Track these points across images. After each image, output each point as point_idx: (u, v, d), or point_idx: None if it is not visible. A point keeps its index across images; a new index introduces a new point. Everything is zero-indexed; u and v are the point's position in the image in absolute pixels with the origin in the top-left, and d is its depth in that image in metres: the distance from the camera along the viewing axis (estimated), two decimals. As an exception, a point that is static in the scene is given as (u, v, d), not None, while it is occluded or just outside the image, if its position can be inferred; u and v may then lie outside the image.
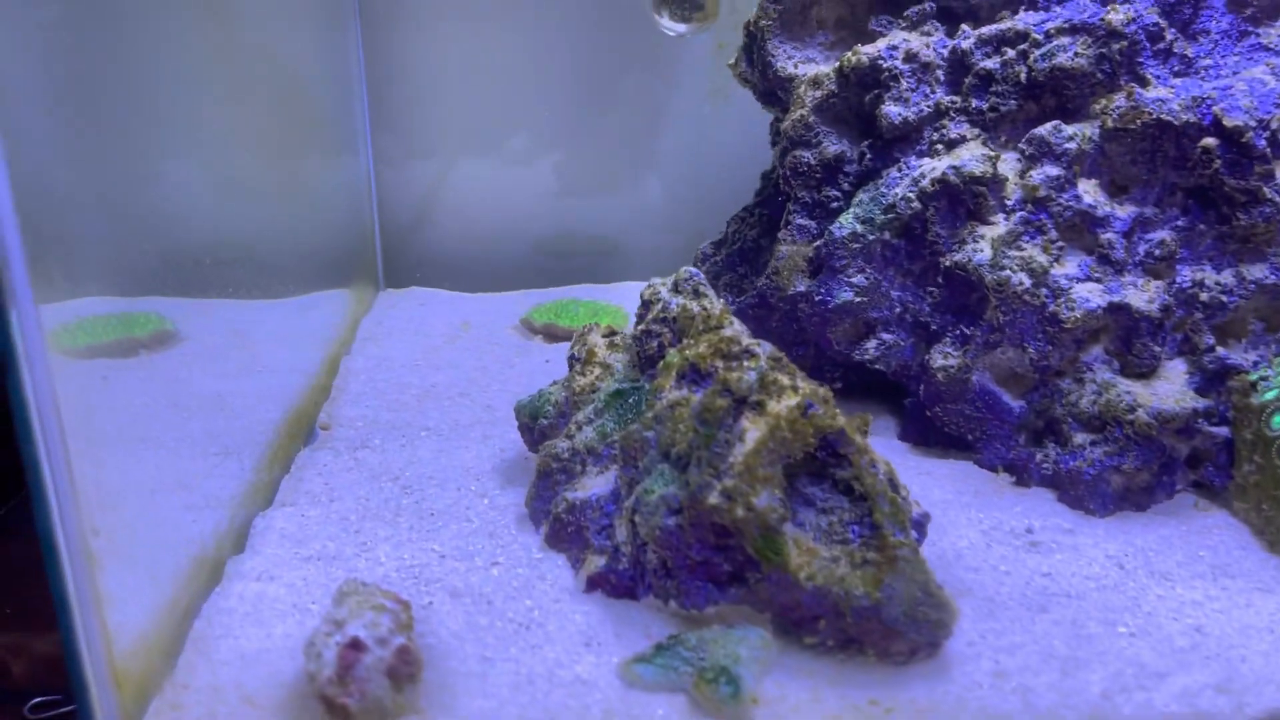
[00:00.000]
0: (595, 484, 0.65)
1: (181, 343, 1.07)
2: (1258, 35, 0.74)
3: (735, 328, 0.63)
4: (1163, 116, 0.69)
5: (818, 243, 0.80)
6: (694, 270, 0.70)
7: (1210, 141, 0.69)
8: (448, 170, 1.33)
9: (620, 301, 1.18)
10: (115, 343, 1.04)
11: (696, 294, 0.67)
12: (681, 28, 1.11)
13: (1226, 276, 0.70)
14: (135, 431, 0.87)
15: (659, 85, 1.31)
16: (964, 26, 0.78)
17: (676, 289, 0.69)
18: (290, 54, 1.18)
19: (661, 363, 0.65)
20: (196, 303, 1.14)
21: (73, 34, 0.88)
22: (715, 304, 0.66)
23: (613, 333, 0.76)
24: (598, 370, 0.72)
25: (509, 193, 1.34)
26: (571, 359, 0.75)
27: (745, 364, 0.60)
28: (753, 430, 0.58)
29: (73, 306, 1.12)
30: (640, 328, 0.69)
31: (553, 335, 1.09)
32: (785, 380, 0.60)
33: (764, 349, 0.61)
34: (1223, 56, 0.73)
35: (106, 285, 1.18)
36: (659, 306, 0.68)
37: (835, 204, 0.82)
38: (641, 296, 0.71)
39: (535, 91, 1.30)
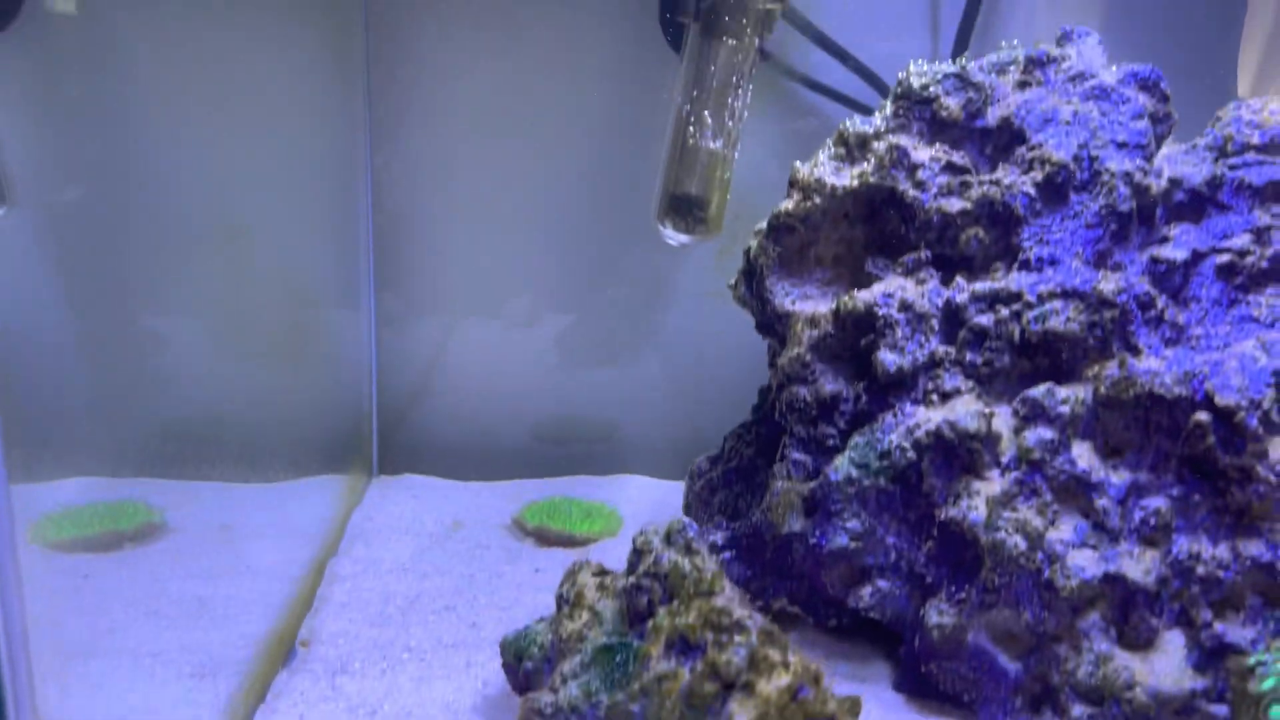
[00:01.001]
0: (577, 749, 0.63)
1: (168, 535, 1.06)
2: (1247, 304, 0.75)
3: (726, 595, 0.63)
4: (1155, 389, 0.70)
5: (813, 483, 0.80)
6: (688, 522, 0.69)
7: (1203, 417, 0.69)
8: (449, 340, 1.33)
9: (616, 500, 1.17)
10: (99, 536, 1.03)
11: (689, 550, 0.67)
12: (685, 238, 1.14)
13: (1223, 550, 0.70)
14: (110, 642, 0.85)
15: (664, 266, 1.33)
16: (958, 279, 0.80)
17: (669, 541, 0.68)
18: (294, 226, 1.21)
19: (651, 623, 0.64)
20: (187, 486, 1.14)
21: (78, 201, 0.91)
22: (708, 564, 0.65)
23: (604, 573, 0.75)
24: (586, 616, 0.71)
25: (510, 367, 1.34)
26: (560, 599, 0.74)
27: (736, 639, 0.59)
28: (740, 715, 0.56)
29: (60, 489, 1.12)
30: (631, 579, 0.68)
31: (544, 538, 1.08)
32: (776, 657, 0.59)
33: (755, 623, 0.60)
34: (1214, 325, 0.75)
35: (97, 464, 1.18)
36: (650, 559, 0.68)
37: (831, 441, 0.82)
38: (634, 543, 0.71)
39: (541, 260, 1.32)
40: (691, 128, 1.09)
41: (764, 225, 0.88)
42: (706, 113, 1.08)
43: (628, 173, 1.23)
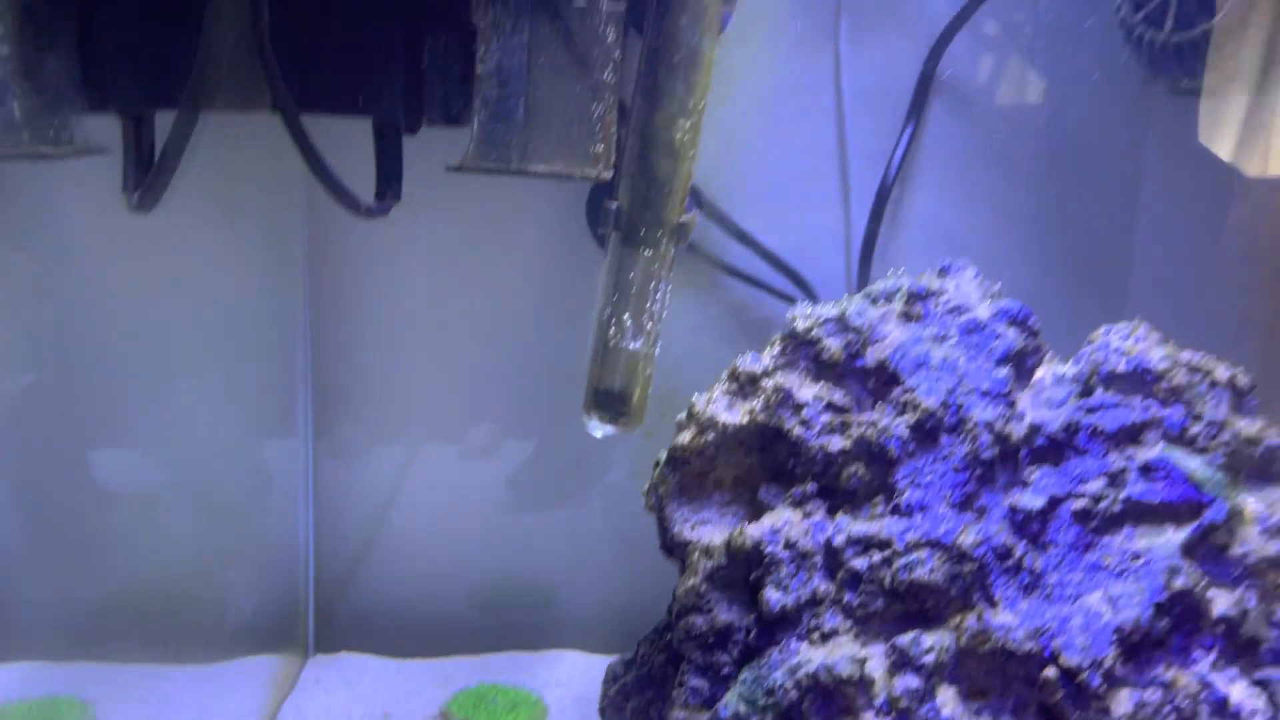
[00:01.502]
0: None
1: (100, 732, 1.09)
2: (1100, 549, 0.81)
3: None
4: (1007, 644, 0.75)
5: (706, 714, 0.84)
6: None
7: (1051, 674, 0.74)
8: (385, 512, 1.38)
9: (544, 685, 1.21)
10: (34, 737, 1.07)
11: None
12: (609, 429, 1.19)
13: None
14: None
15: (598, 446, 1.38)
16: (838, 518, 0.85)
17: None
18: (232, 397, 1.26)
19: None
20: (120, 672, 1.18)
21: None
22: None
23: None
24: None
25: (444, 539, 1.38)
26: None
27: None
28: None
29: (3, 675, 1.15)
30: None
31: (469, 729, 1.11)
32: None
33: None
34: (1069, 572, 0.80)
35: (34, 650, 1.22)
36: None
37: (725, 670, 0.87)
38: None
39: (483, 436, 1.37)
40: (612, 330, 1.15)
41: (663, 455, 0.94)
42: (626, 316, 1.15)
43: (566, 359, 1.29)
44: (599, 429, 1.20)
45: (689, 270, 1.27)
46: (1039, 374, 0.95)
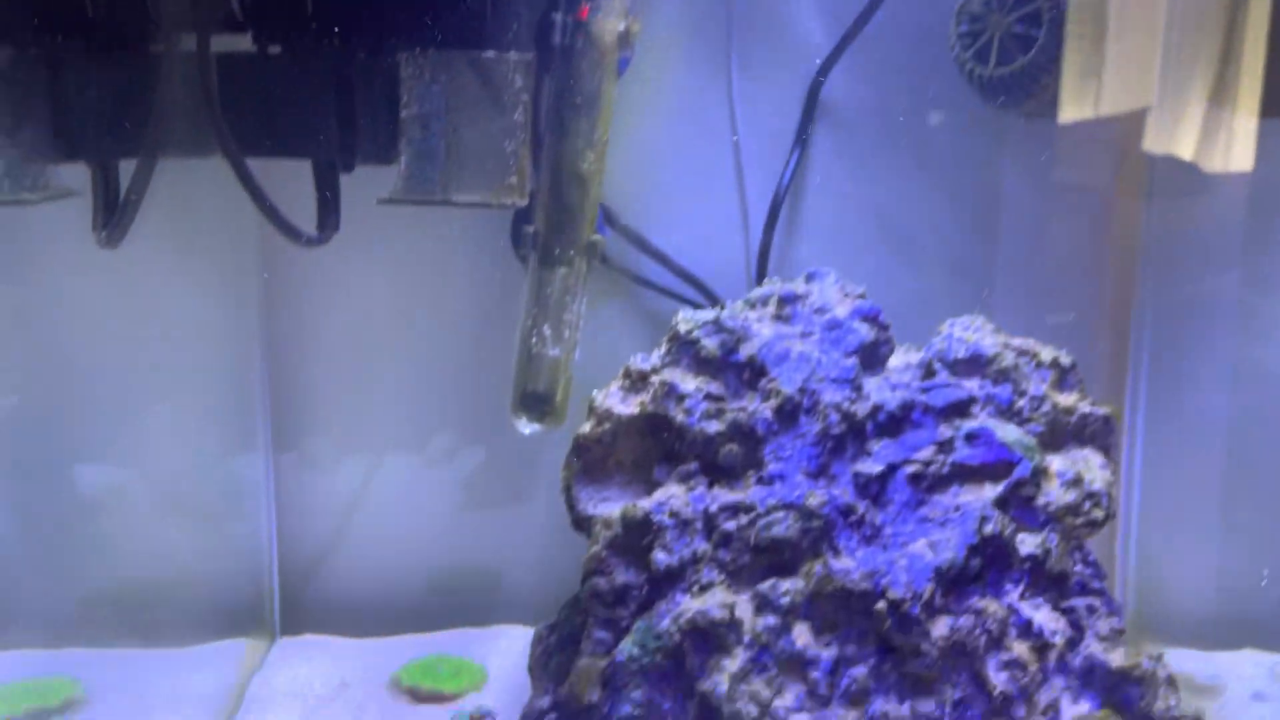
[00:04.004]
0: None
1: (88, 708, 1.24)
2: (930, 505, 0.97)
3: None
4: (846, 585, 0.91)
5: (606, 660, 0.99)
6: (488, 711, 0.88)
7: (881, 606, 0.90)
8: (349, 504, 1.52)
9: (487, 654, 1.35)
10: (29, 713, 1.22)
11: None
12: (536, 427, 1.34)
13: (905, 709, 0.90)
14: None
15: (542, 437, 1.53)
16: (714, 490, 1.01)
17: None
18: (191, 398, 1.40)
19: None
20: (107, 655, 1.33)
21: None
22: None
23: None
24: None
25: (402, 524, 1.52)
26: None
27: None
28: None
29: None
30: None
31: (417, 696, 1.26)
32: None
33: None
34: (902, 525, 0.96)
35: (27, 638, 1.38)
36: None
37: (624, 623, 1.02)
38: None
39: (429, 428, 1.51)
40: (534, 339, 1.30)
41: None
42: (546, 326, 1.30)
43: (502, 367, 1.43)
44: (526, 427, 1.35)
45: (607, 283, 1.42)
46: (892, 361, 1.11)
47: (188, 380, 1.39)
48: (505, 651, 1.37)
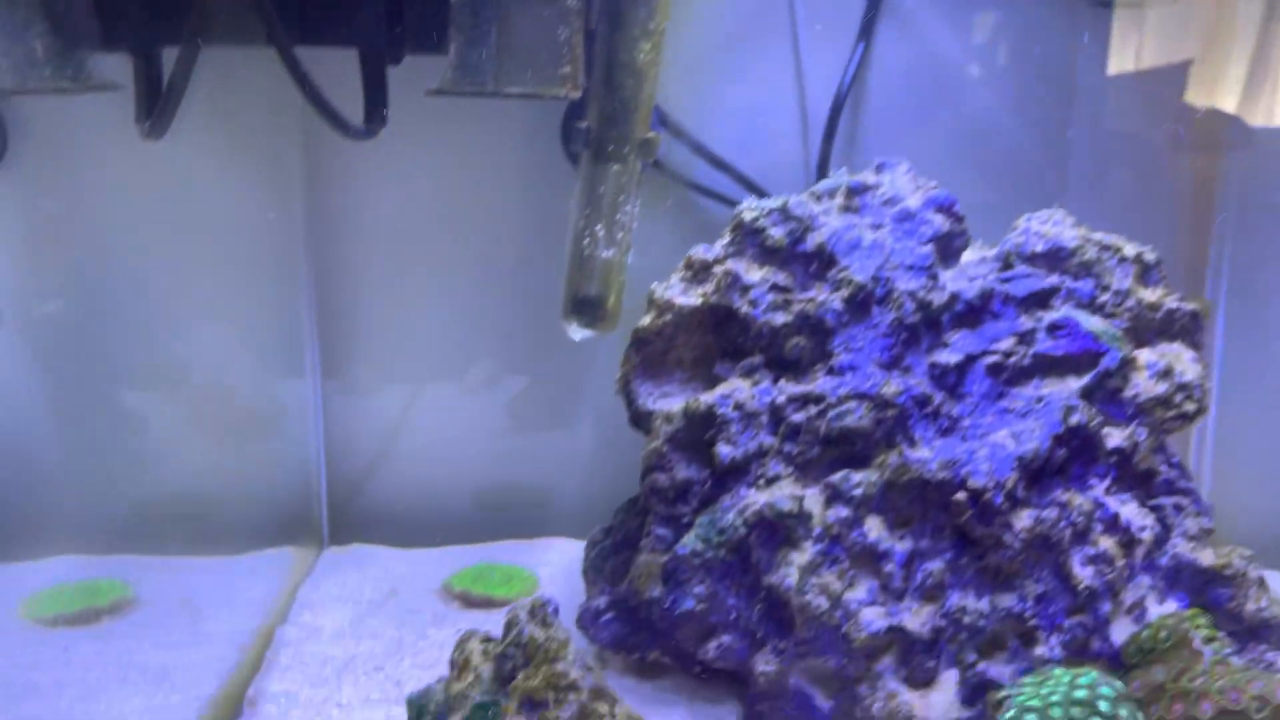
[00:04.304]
0: (456, 788, 0.79)
1: (139, 609, 1.23)
2: (1010, 397, 0.92)
3: (568, 661, 0.78)
4: (924, 475, 0.87)
5: (667, 555, 0.96)
6: (549, 598, 0.85)
7: (961, 497, 0.86)
8: (396, 416, 1.50)
9: (537, 563, 1.33)
10: (79, 613, 1.21)
11: (545, 623, 0.83)
12: (588, 333, 1.31)
13: (984, 603, 0.86)
14: (83, 708, 1.02)
15: (591, 347, 1.49)
16: (783, 381, 0.97)
17: (532, 614, 0.84)
18: (239, 307, 1.38)
19: (511, 685, 0.80)
20: (155, 561, 1.31)
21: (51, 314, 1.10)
22: (558, 635, 0.81)
23: (488, 640, 0.90)
24: (471, 677, 0.86)
25: (452, 441, 1.50)
26: (451, 662, 0.89)
27: (569, 698, 0.74)
28: None
29: (49, 567, 1.29)
30: (501, 648, 0.84)
31: (468, 601, 1.23)
32: (604, 709, 0.75)
33: (588, 682, 0.76)
34: (981, 416, 0.91)
35: (77, 545, 1.36)
36: (516, 630, 0.83)
37: (685, 519, 0.98)
38: (506, 617, 0.86)
39: (479, 340, 1.48)
40: (586, 240, 1.25)
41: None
42: (599, 227, 1.25)
43: (549, 270, 1.40)
44: (578, 333, 1.32)
45: (659, 190, 1.37)
46: (965, 257, 1.06)
47: (234, 287, 1.36)
48: (554, 561, 1.35)
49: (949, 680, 0.86)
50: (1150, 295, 1.00)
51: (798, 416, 0.93)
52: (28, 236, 1.33)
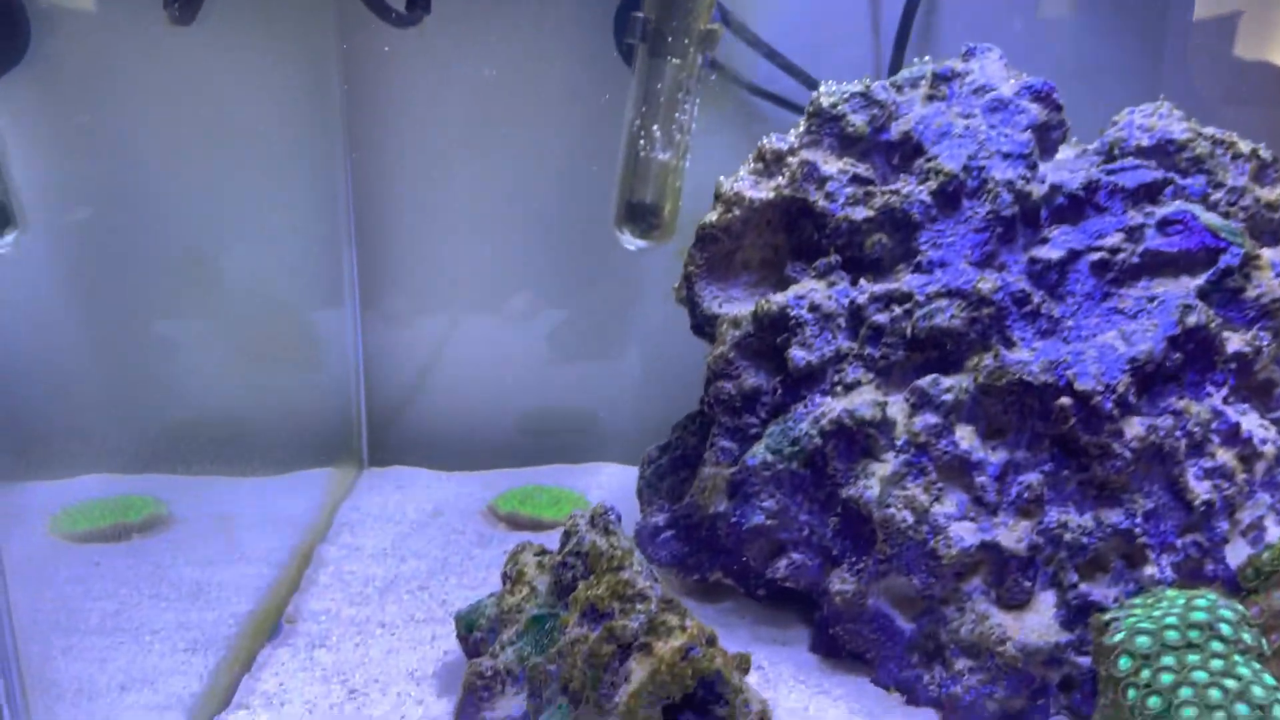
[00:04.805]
0: (511, 705, 0.73)
1: (173, 526, 1.17)
2: (1117, 297, 0.83)
3: (633, 570, 0.72)
4: (1024, 377, 0.79)
5: (734, 468, 0.89)
6: (610, 506, 0.79)
7: (1065, 401, 0.77)
8: (436, 341, 1.43)
9: (585, 487, 1.27)
10: (111, 527, 1.15)
11: (607, 531, 0.76)
12: (641, 243, 1.23)
13: (1087, 519, 0.78)
14: (116, 622, 0.97)
15: (642, 263, 1.41)
16: (862, 280, 0.88)
17: (592, 523, 0.78)
18: (280, 234, 1.31)
19: (571, 595, 0.73)
20: (189, 481, 1.26)
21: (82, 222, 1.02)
22: (621, 543, 0.75)
23: (543, 552, 0.84)
24: (525, 590, 0.80)
25: (495, 363, 1.43)
26: (504, 576, 0.83)
27: (636, 608, 0.68)
28: (638, 672, 0.65)
29: (76, 486, 1.24)
30: (559, 557, 0.78)
31: (515, 523, 1.17)
32: (674, 621, 0.68)
33: (656, 592, 0.70)
34: (1085, 317, 0.83)
35: (109, 463, 1.30)
36: (575, 539, 0.77)
37: (753, 430, 0.91)
38: (564, 526, 0.80)
39: (521, 261, 1.40)
40: (642, 141, 1.17)
41: (696, 235, 0.97)
42: (655, 127, 1.17)
43: (598, 179, 1.31)
44: (631, 242, 1.24)
45: (717, 95, 1.28)
46: (1061, 152, 0.96)
47: (273, 196, 1.29)
48: (604, 484, 1.28)
49: (1046, 602, 0.78)
50: (1268, 194, 0.91)
51: (881, 317, 0.85)
52: (53, 138, 1.26)
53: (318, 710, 0.80)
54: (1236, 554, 0.79)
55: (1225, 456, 0.79)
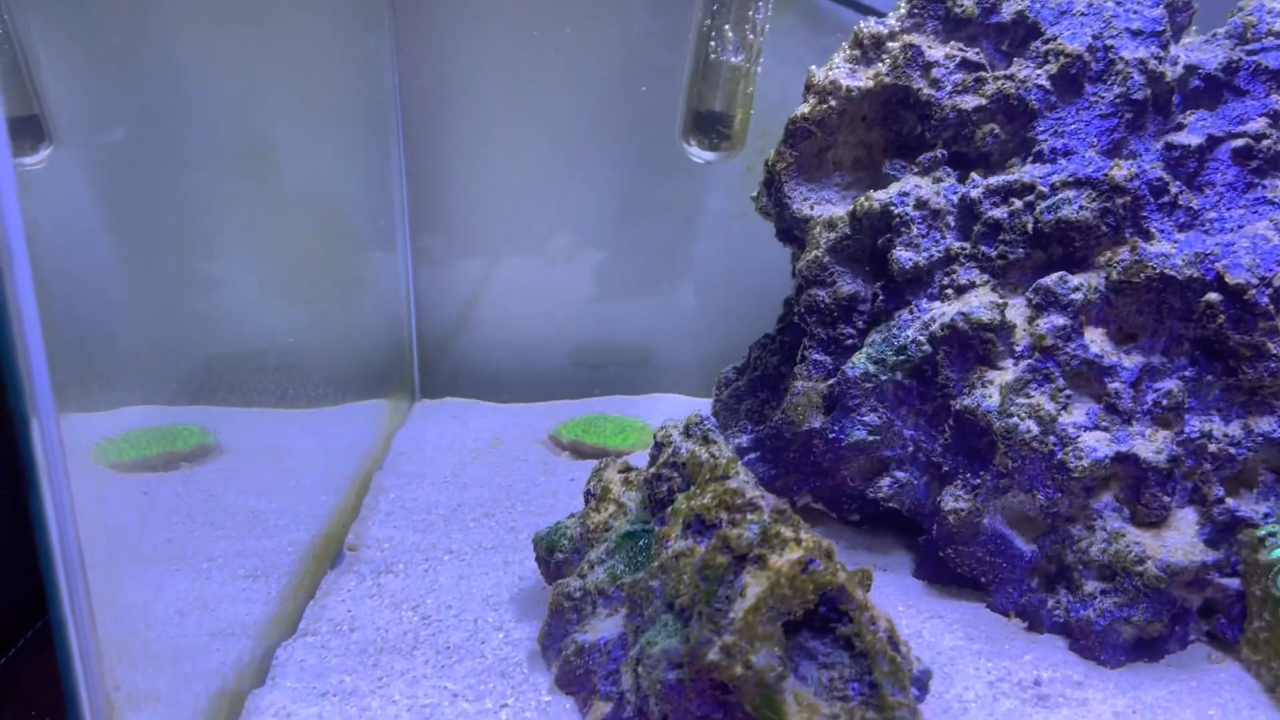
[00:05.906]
0: (605, 627, 0.67)
1: (222, 456, 1.11)
2: (1263, 187, 0.75)
3: (740, 479, 0.65)
4: (1166, 271, 0.71)
5: (831, 380, 0.82)
6: (705, 415, 0.72)
7: (1214, 297, 0.70)
8: (486, 275, 1.37)
9: (647, 416, 1.20)
10: (159, 457, 1.09)
11: (706, 440, 0.69)
12: (710, 155, 1.15)
13: (1234, 428, 0.71)
14: (170, 550, 0.91)
15: (696, 193, 1.35)
16: (974, 175, 0.81)
17: (688, 433, 0.71)
18: (332, 162, 1.24)
19: (670, 509, 0.67)
20: (237, 413, 1.19)
21: (122, 140, 0.95)
22: (723, 452, 0.68)
23: (628, 469, 0.78)
24: (612, 508, 0.74)
25: (548, 297, 1.37)
26: (587, 494, 0.77)
27: (748, 518, 0.61)
28: (754, 586, 0.59)
29: (116, 417, 1.18)
30: (652, 470, 0.71)
31: (579, 451, 1.11)
32: (788, 533, 0.61)
33: (767, 502, 0.63)
34: (1228, 209, 0.75)
35: (150, 394, 1.24)
36: (670, 450, 0.70)
37: (850, 341, 0.84)
38: (655, 438, 0.74)
39: (574, 195, 1.34)
40: (713, 43, 1.09)
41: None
42: (727, 27, 1.09)
43: (654, 107, 1.24)
44: (698, 155, 1.16)
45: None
46: (1186, 38, 0.88)
47: (325, 125, 1.22)
48: (666, 413, 1.22)
49: (1187, 519, 0.71)
50: None
51: (998, 212, 0.78)
52: (87, 51, 1.19)
53: (391, 635, 0.75)
54: (1396, 468, 0.72)
55: (1390, 359, 0.71)
